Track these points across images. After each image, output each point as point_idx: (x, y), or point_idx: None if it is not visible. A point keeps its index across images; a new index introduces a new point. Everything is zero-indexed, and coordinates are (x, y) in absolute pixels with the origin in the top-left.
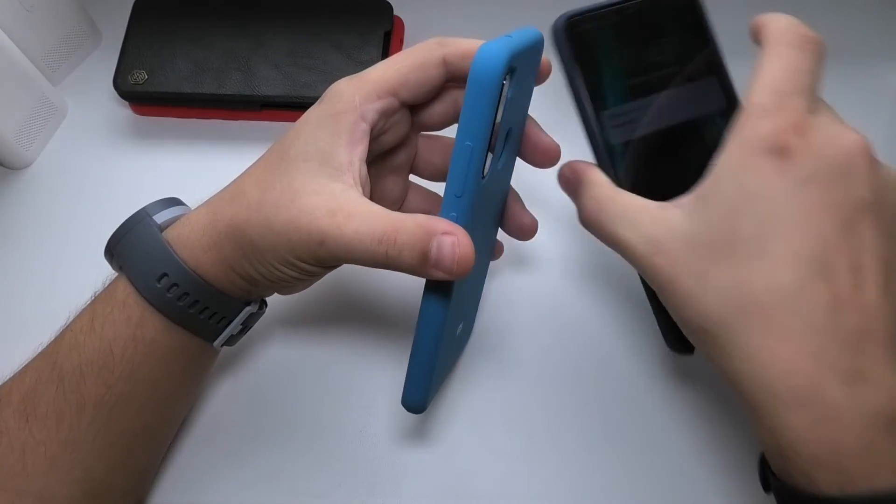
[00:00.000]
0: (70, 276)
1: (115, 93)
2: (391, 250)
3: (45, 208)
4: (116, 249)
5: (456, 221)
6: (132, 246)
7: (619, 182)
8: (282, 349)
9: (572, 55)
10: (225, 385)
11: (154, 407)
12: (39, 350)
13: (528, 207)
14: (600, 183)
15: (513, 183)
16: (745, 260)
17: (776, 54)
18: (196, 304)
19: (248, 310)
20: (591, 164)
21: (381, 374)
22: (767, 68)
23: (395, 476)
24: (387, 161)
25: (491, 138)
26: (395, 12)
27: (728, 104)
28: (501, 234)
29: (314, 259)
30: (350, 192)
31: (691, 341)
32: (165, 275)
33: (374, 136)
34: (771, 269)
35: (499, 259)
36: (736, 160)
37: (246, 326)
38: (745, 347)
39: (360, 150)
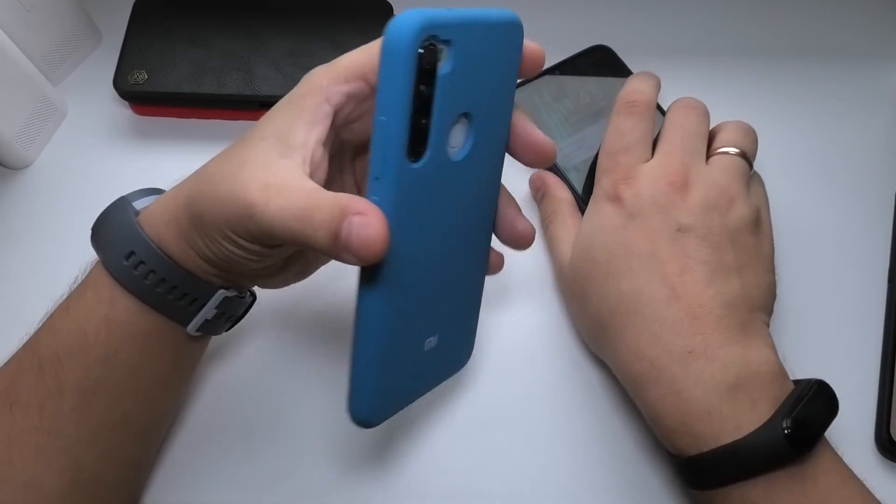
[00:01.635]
0: (70, 276)
1: (115, 93)
2: (307, 228)
3: (45, 208)
4: (94, 236)
5: (379, 206)
6: (106, 228)
7: (577, 193)
8: (281, 348)
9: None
10: (224, 384)
11: (134, 394)
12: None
13: (527, 214)
14: (560, 199)
15: (511, 188)
16: (603, 281)
17: (611, 123)
18: (163, 282)
19: (221, 293)
20: (558, 179)
21: None
22: (606, 136)
23: (396, 476)
24: (363, 151)
25: (420, 117)
26: (394, 12)
27: None
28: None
29: (248, 234)
30: (292, 169)
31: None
32: (133, 253)
33: (344, 122)
34: (618, 283)
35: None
36: (592, 209)
37: (226, 314)
38: (609, 345)
39: (319, 131)
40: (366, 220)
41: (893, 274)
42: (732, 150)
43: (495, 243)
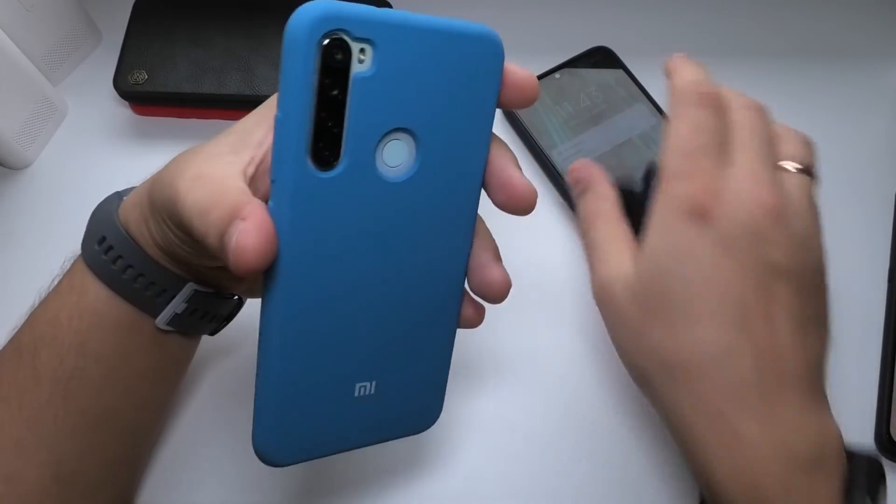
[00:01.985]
0: None
1: (115, 93)
2: (202, 225)
3: (45, 208)
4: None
5: (272, 213)
6: (91, 220)
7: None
8: None
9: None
10: (223, 384)
11: (113, 388)
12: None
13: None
14: (605, 198)
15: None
16: (676, 320)
17: (679, 115)
18: (130, 268)
19: (191, 286)
20: (604, 172)
21: None
22: (674, 131)
23: (396, 476)
24: None
25: (327, 121)
26: None
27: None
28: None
29: (176, 223)
30: (229, 165)
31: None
32: (104, 238)
33: None
34: (697, 330)
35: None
36: (664, 221)
37: (200, 310)
38: (673, 397)
39: None
40: (244, 226)
41: (893, 274)
42: (806, 169)
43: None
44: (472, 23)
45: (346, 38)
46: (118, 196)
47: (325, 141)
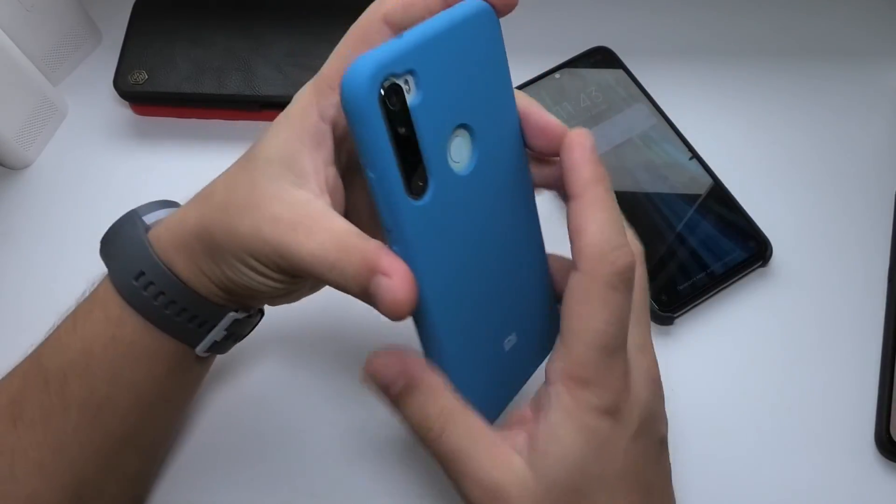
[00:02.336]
0: (70, 276)
1: (115, 93)
2: (339, 278)
3: (45, 208)
4: (104, 250)
5: (402, 255)
6: (116, 245)
7: None
8: (281, 349)
9: None
10: (224, 384)
11: (139, 412)
12: (29, 352)
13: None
14: (440, 392)
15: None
16: None
17: (600, 300)
18: (173, 304)
19: (231, 315)
20: (420, 361)
21: None
22: (595, 320)
23: (395, 476)
24: None
25: (408, 157)
26: None
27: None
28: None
29: (278, 269)
30: (314, 204)
31: None
32: (143, 273)
33: (344, 133)
34: None
35: None
36: (577, 424)
37: (234, 333)
38: None
39: (325, 153)
40: (391, 283)
41: (893, 274)
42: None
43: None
44: (466, 3)
45: (394, 80)
46: (138, 217)
47: (414, 173)
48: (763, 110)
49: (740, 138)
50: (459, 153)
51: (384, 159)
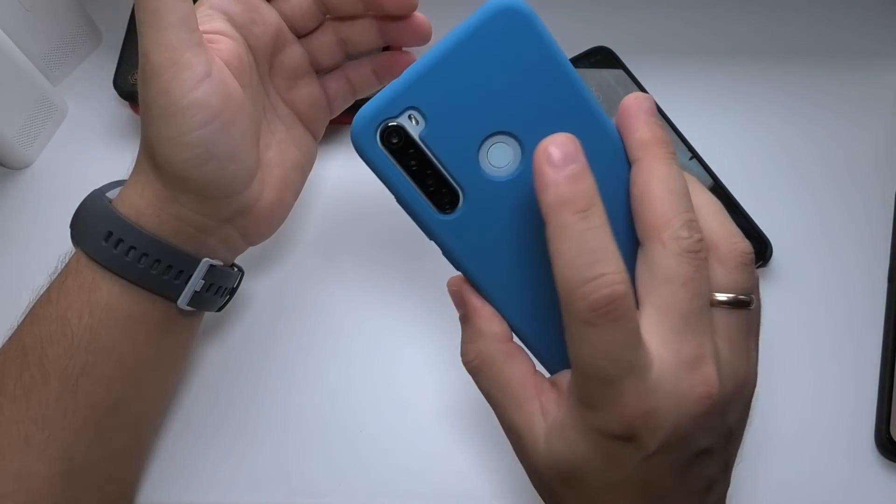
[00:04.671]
0: None
1: (115, 93)
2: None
3: (45, 208)
4: (73, 231)
5: (449, 260)
6: (81, 218)
7: None
8: (281, 349)
9: None
10: (224, 385)
11: (122, 380)
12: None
13: None
14: (488, 335)
15: None
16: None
17: (581, 336)
18: (145, 257)
19: (206, 261)
20: (477, 301)
21: (382, 374)
22: (581, 352)
23: (395, 476)
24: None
25: (430, 182)
26: None
27: None
28: None
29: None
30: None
31: None
32: (111, 233)
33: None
34: None
35: None
36: (580, 433)
37: (215, 285)
38: None
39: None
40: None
41: (893, 274)
42: (744, 298)
43: None
44: (484, 6)
45: (392, 123)
46: (101, 193)
47: (441, 192)
48: (763, 110)
49: (740, 138)
50: (501, 158)
51: (403, 191)
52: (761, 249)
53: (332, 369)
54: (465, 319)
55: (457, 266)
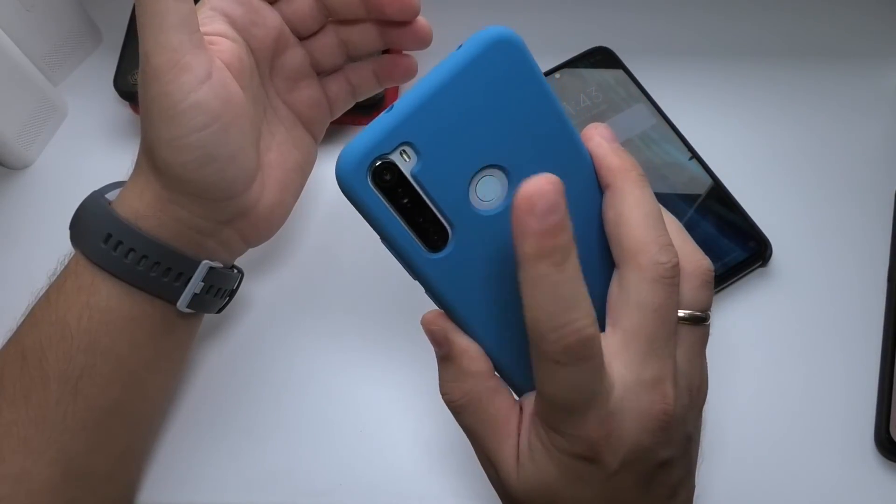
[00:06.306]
0: None
1: (115, 93)
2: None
3: (45, 208)
4: (72, 233)
5: (434, 300)
6: (80, 220)
7: None
8: (281, 349)
9: None
10: (223, 385)
11: (121, 381)
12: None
13: None
14: (476, 375)
15: None
16: None
17: (545, 370)
18: (144, 259)
19: (206, 263)
20: (469, 341)
21: (382, 374)
22: (547, 385)
23: (395, 476)
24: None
25: (419, 219)
26: None
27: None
28: None
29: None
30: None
31: None
32: (110, 235)
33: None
34: None
35: None
36: (547, 455)
37: (214, 286)
38: None
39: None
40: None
41: (893, 274)
42: (703, 315)
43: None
44: (480, 34)
45: (384, 160)
46: (99, 195)
47: (431, 231)
48: (763, 110)
49: (740, 138)
50: (489, 192)
51: (392, 231)
52: (761, 249)
53: (332, 369)
54: (448, 358)
55: (440, 303)
